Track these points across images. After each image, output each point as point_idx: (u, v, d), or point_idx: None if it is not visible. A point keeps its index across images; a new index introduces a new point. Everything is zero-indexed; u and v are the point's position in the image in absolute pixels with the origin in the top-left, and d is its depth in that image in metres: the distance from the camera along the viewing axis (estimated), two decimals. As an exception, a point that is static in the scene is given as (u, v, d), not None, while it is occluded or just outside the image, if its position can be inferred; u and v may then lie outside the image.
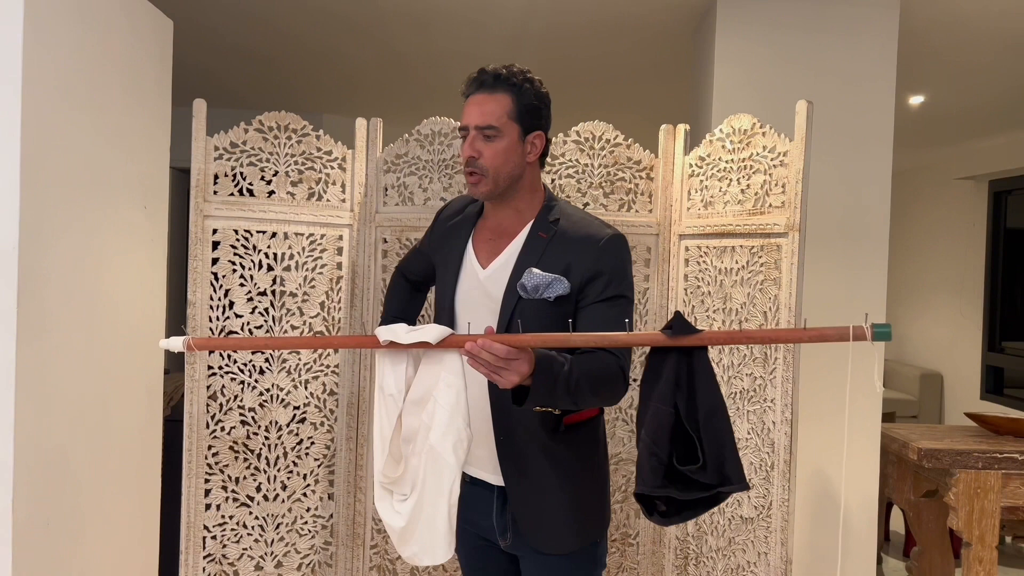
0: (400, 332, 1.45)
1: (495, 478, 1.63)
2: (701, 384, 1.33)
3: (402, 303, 1.94)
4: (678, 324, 1.32)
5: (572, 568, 1.63)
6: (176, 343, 1.62)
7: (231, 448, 2.27)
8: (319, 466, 2.34)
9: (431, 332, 1.43)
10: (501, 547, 1.67)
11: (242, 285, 2.26)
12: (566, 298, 1.53)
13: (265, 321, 2.28)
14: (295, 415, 2.31)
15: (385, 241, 2.37)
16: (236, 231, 2.25)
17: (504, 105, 1.57)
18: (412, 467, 1.48)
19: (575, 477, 1.61)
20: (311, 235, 2.31)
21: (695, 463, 1.33)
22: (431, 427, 1.45)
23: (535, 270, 1.54)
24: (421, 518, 1.47)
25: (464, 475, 1.69)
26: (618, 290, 1.55)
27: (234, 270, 2.25)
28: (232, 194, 2.26)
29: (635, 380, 2.31)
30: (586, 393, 1.45)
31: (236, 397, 2.26)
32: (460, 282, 1.64)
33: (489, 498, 1.65)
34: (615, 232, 1.59)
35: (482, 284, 1.62)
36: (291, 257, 2.29)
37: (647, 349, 1.44)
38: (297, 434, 2.32)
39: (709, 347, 1.39)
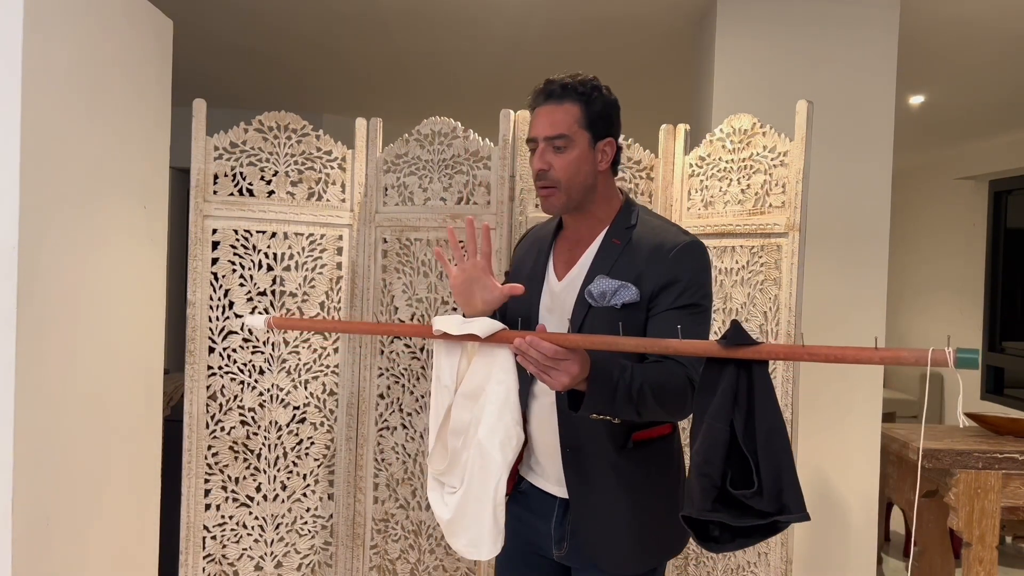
0: (454, 323, 1.44)
1: (559, 490, 1.58)
2: (760, 401, 1.22)
3: None
4: (734, 334, 1.22)
5: None
6: (259, 321, 1.63)
7: (231, 448, 2.27)
8: (319, 466, 2.34)
9: (482, 325, 1.41)
10: (554, 557, 1.61)
11: (242, 285, 2.26)
12: (636, 306, 1.47)
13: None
14: (295, 415, 2.31)
15: (385, 241, 2.37)
16: (236, 231, 2.25)
17: (573, 114, 1.52)
18: (462, 461, 1.47)
19: (643, 497, 1.55)
20: (311, 235, 2.31)
21: (750, 487, 1.23)
22: (480, 422, 1.44)
23: (603, 277, 1.49)
24: (468, 512, 1.46)
25: (524, 482, 1.65)
26: (692, 299, 1.48)
27: (234, 270, 2.25)
28: (232, 194, 2.26)
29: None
30: (650, 403, 1.39)
31: (236, 397, 2.26)
32: (542, 297, 1.60)
33: (551, 505, 1.59)
34: (692, 239, 1.53)
35: (558, 296, 1.58)
36: (291, 257, 2.29)
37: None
38: (297, 434, 2.32)
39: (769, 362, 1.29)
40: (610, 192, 1.60)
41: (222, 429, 2.26)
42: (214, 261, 2.24)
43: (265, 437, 2.29)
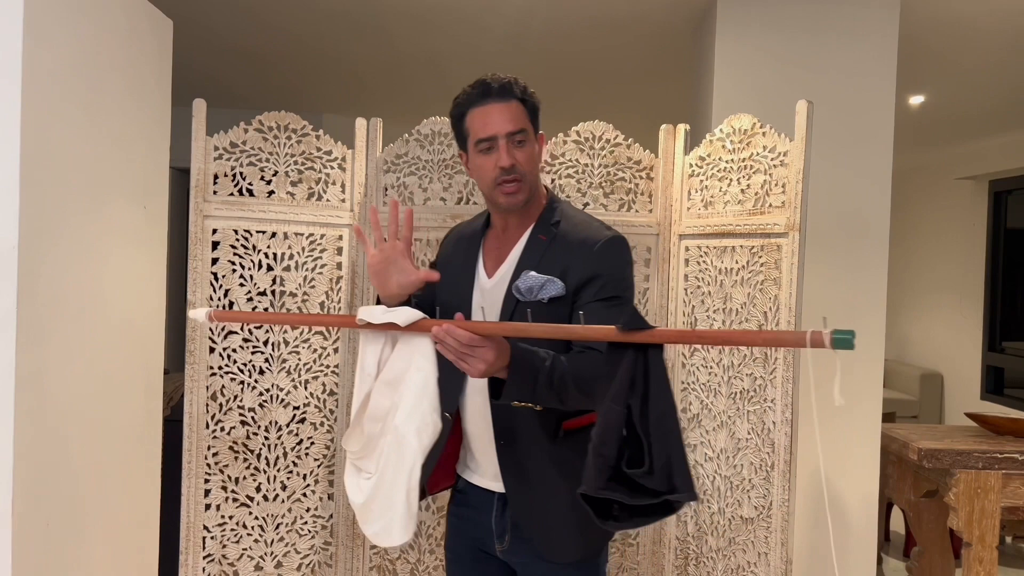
0: (377, 313, 1.47)
1: (495, 485, 1.62)
2: (655, 385, 1.27)
3: None
4: (630, 319, 1.26)
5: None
6: (200, 314, 1.65)
7: (231, 448, 2.27)
8: (319, 466, 2.34)
9: (402, 315, 1.44)
10: (497, 553, 1.64)
11: (242, 285, 2.26)
12: (562, 300, 1.52)
13: (265, 321, 2.28)
14: (295, 415, 2.31)
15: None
16: (236, 231, 2.25)
17: (520, 110, 1.58)
18: (379, 447, 1.49)
19: (578, 484, 1.56)
20: (311, 235, 2.31)
21: (642, 467, 1.28)
22: (398, 409, 1.46)
23: (531, 272, 1.53)
24: (379, 497, 1.48)
25: (461, 480, 1.70)
26: (615, 291, 1.54)
27: (234, 270, 2.25)
28: (232, 194, 2.26)
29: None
30: (572, 391, 1.44)
31: (236, 397, 2.26)
32: (474, 294, 1.64)
33: (489, 500, 1.64)
34: (614, 234, 1.58)
35: (489, 292, 1.62)
36: (291, 257, 2.29)
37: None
38: (297, 434, 2.32)
39: (666, 346, 1.35)
40: (540, 187, 1.65)
41: (222, 429, 2.26)
42: (214, 261, 2.24)
43: (265, 437, 2.29)
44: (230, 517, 2.27)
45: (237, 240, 2.25)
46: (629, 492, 1.27)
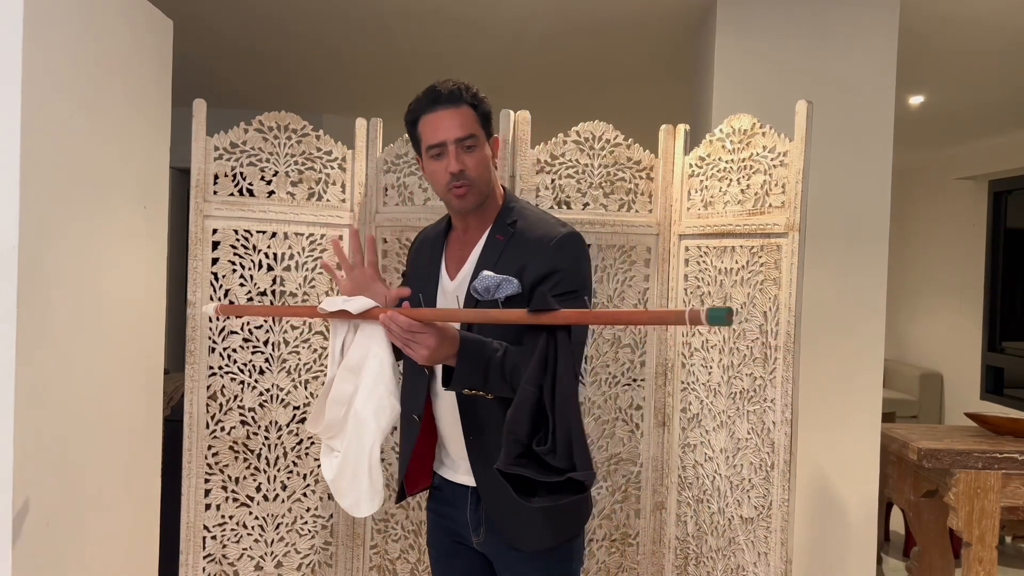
0: (336, 303, 1.56)
1: (468, 479, 1.66)
2: (562, 366, 1.35)
3: None
4: (537, 301, 1.35)
5: (549, 565, 1.64)
6: (210, 309, 1.76)
7: (231, 448, 2.27)
8: (319, 466, 2.34)
9: (355, 303, 1.53)
10: (474, 545, 1.69)
11: (242, 285, 2.26)
12: (519, 297, 1.55)
13: (265, 321, 2.28)
14: (295, 415, 2.31)
15: (385, 241, 2.37)
16: (236, 231, 2.25)
17: (471, 116, 1.62)
18: (346, 429, 1.60)
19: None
20: (311, 235, 2.31)
21: (546, 445, 1.37)
22: (358, 392, 1.56)
23: (487, 272, 1.57)
24: (346, 474, 1.59)
25: (437, 476, 1.76)
26: (570, 286, 1.57)
27: (234, 270, 2.25)
28: (232, 194, 2.26)
29: (642, 381, 2.31)
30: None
31: (236, 397, 2.26)
32: (437, 296, 1.69)
33: (463, 495, 1.69)
34: (569, 231, 1.62)
35: (451, 293, 1.67)
36: (291, 257, 2.29)
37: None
38: (297, 434, 2.32)
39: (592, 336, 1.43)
40: (496, 188, 1.70)
41: (222, 429, 2.26)
42: (214, 261, 2.24)
43: (265, 437, 2.29)
44: (230, 517, 2.27)
45: (237, 240, 2.25)
46: (538, 470, 1.36)
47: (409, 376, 1.75)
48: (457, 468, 1.70)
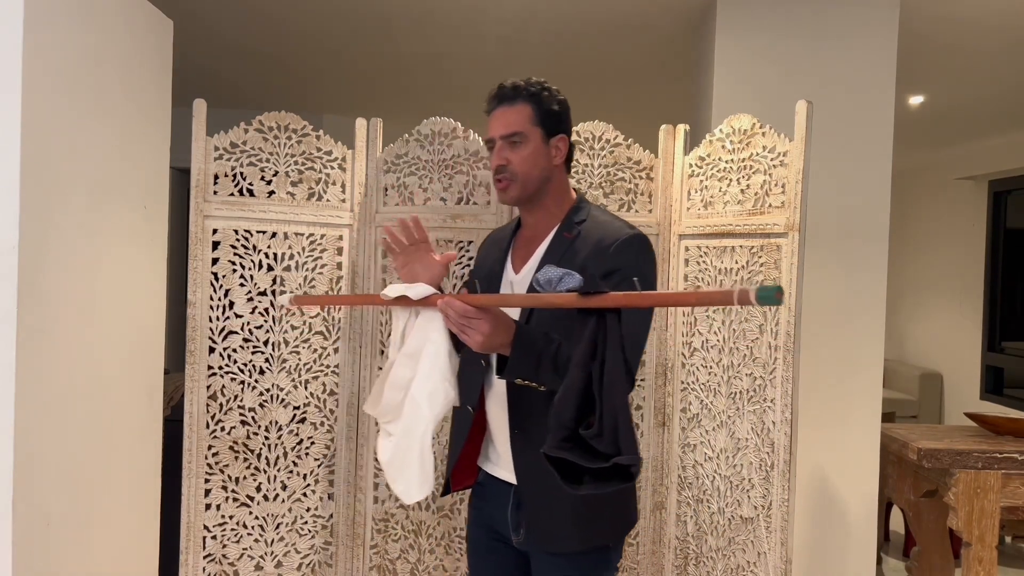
0: (396, 290, 1.60)
1: (511, 475, 1.67)
2: (611, 350, 1.36)
3: None
4: (588, 284, 1.36)
5: (577, 569, 1.64)
6: (284, 299, 1.87)
7: (231, 448, 2.27)
8: (319, 466, 2.34)
9: (415, 290, 1.57)
10: (514, 543, 1.69)
11: (242, 285, 2.26)
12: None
13: (265, 321, 2.28)
14: (295, 415, 2.31)
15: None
16: (236, 231, 2.25)
17: (525, 113, 1.66)
18: (402, 413, 1.62)
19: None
20: (311, 235, 2.31)
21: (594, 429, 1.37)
22: (415, 378, 1.59)
23: (550, 265, 1.58)
24: (397, 457, 1.62)
25: (482, 472, 1.77)
26: (631, 288, 1.56)
27: (234, 270, 2.26)
28: (232, 194, 2.26)
29: (642, 381, 2.31)
30: None
31: (236, 397, 2.26)
32: (502, 288, 1.73)
33: (506, 493, 1.69)
34: (636, 232, 1.63)
35: (515, 286, 1.70)
36: (291, 257, 2.29)
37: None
38: (297, 434, 2.32)
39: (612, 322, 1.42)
40: (563, 188, 1.73)
41: (222, 429, 2.26)
42: (214, 261, 2.24)
43: (265, 437, 2.29)
44: (230, 517, 2.27)
45: (237, 240, 2.25)
46: (584, 455, 1.35)
47: (465, 367, 1.75)
48: (503, 464, 1.70)
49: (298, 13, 3.29)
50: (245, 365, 2.27)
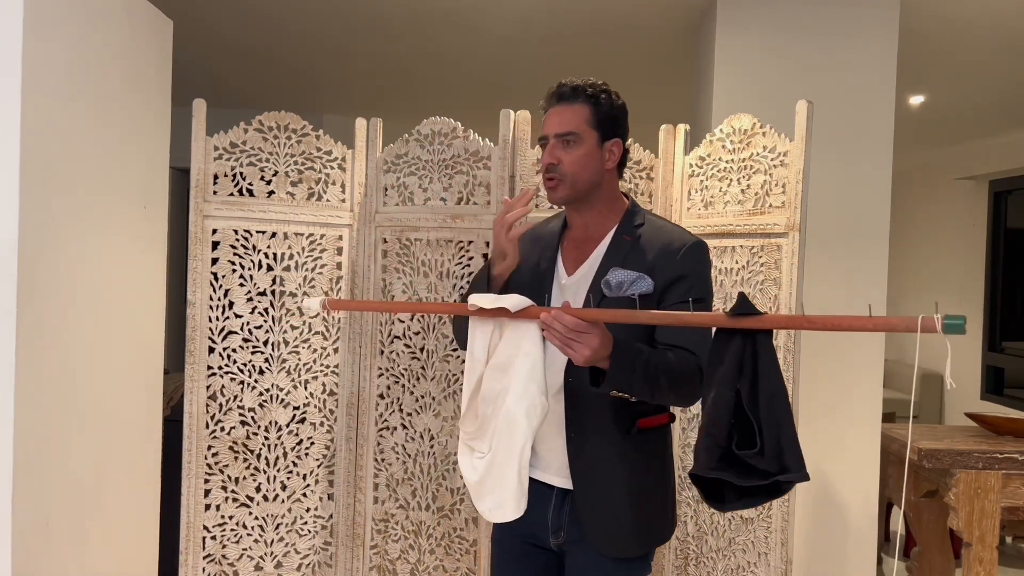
0: (488, 300, 1.54)
1: (558, 480, 1.64)
2: (764, 368, 1.32)
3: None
4: (741, 305, 1.33)
5: (626, 571, 1.64)
6: (314, 304, 1.73)
7: (231, 448, 2.27)
8: (319, 466, 2.34)
9: (512, 301, 1.51)
10: (551, 545, 1.67)
11: (242, 285, 2.26)
12: (649, 297, 1.56)
13: (265, 321, 2.28)
14: (295, 415, 2.31)
15: (385, 241, 2.37)
16: (236, 231, 2.25)
17: (582, 114, 1.62)
18: (491, 428, 1.57)
19: (644, 481, 1.63)
20: (311, 235, 2.31)
21: (754, 448, 1.33)
22: (508, 392, 1.53)
23: (619, 268, 1.58)
24: (492, 474, 1.56)
25: None
26: (700, 293, 1.58)
27: (234, 270, 2.25)
28: (232, 194, 2.26)
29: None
30: (663, 385, 1.49)
31: (236, 397, 2.26)
32: (552, 291, 1.68)
33: (548, 495, 1.65)
34: (698, 239, 1.64)
35: (568, 289, 1.66)
36: (291, 257, 2.29)
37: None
38: (297, 434, 2.32)
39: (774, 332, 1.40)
40: (615, 192, 1.70)
41: (222, 429, 2.26)
42: (214, 261, 2.24)
43: (265, 437, 2.29)
44: (230, 517, 2.27)
45: (237, 240, 2.25)
46: (738, 474, 1.32)
47: None
48: (547, 467, 1.66)
49: (298, 13, 3.29)
50: (245, 365, 2.27)
